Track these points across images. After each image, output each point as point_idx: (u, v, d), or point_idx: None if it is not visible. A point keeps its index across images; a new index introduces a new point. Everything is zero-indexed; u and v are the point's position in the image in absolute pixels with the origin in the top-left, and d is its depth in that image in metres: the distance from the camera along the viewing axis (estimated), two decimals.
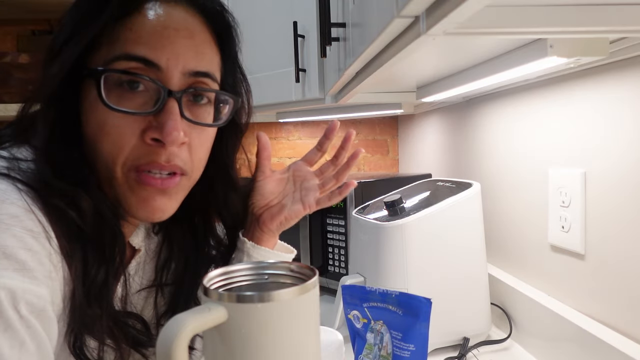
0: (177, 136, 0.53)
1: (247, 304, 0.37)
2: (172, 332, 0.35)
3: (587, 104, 0.81)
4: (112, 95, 0.53)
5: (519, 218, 1.05)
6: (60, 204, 0.50)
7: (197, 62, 0.56)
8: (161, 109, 0.54)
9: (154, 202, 0.56)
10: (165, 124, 0.53)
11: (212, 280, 0.42)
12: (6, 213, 0.46)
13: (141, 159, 0.54)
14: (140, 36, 0.53)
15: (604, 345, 0.72)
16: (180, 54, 0.54)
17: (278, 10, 1.39)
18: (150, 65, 0.53)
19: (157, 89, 0.54)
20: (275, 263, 0.45)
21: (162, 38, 0.54)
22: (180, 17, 0.56)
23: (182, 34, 0.55)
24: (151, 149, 0.54)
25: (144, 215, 0.57)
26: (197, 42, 0.57)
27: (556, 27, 0.47)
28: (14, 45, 1.82)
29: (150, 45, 0.53)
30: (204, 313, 0.37)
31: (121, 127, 0.53)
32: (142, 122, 0.54)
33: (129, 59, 0.53)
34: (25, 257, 0.45)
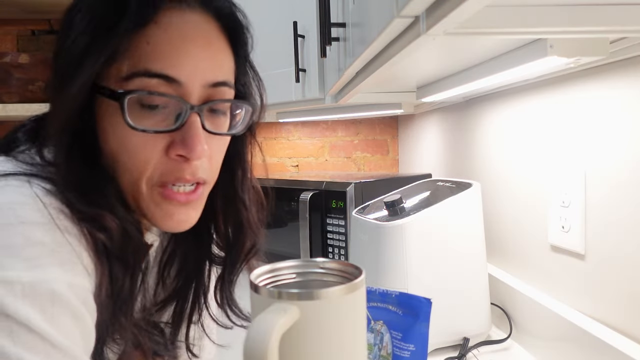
0: (201, 150, 0.53)
1: (318, 300, 0.38)
2: (264, 337, 0.35)
3: (587, 104, 0.81)
4: (133, 114, 0.52)
5: (519, 218, 1.05)
6: (88, 227, 0.50)
7: (215, 73, 0.56)
8: (184, 124, 0.53)
9: (179, 216, 0.57)
10: (190, 140, 0.53)
11: (259, 278, 0.43)
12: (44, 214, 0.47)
13: (167, 175, 0.54)
14: (158, 51, 0.52)
15: (604, 345, 0.72)
16: (199, 67, 0.54)
17: (278, 10, 1.39)
18: (171, 81, 0.52)
19: (177, 104, 0.54)
20: (321, 261, 0.46)
21: (181, 52, 0.53)
22: (197, 26, 0.55)
23: (200, 46, 0.54)
24: (176, 164, 0.54)
25: (171, 227, 0.58)
26: (214, 52, 0.56)
27: (556, 27, 0.47)
28: (14, 45, 1.82)
29: (169, 61, 0.52)
30: (282, 314, 0.37)
31: (145, 145, 0.53)
32: (165, 138, 0.54)
33: (149, 75, 0.52)
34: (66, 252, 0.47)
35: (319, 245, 1.38)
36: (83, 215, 0.50)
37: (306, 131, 2.02)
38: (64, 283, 0.45)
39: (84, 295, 0.47)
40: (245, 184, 0.67)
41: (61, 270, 0.46)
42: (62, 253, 0.47)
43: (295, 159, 2.03)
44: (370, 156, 2.04)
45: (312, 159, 2.03)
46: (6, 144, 0.57)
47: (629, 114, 0.72)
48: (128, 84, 0.52)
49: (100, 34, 0.51)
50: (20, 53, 1.62)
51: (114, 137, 0.53)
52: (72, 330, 0.45)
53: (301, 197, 1.38)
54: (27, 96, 1.58)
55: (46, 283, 0.44)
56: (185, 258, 0.69)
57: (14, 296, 0.42)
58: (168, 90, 0.53)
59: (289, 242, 1.45)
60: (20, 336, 0.41)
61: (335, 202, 1.34)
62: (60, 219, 0.48)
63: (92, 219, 0.50)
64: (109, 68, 0.52)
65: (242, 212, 0.67)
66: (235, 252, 0.68)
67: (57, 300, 0.44)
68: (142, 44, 0.52)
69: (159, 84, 0.52)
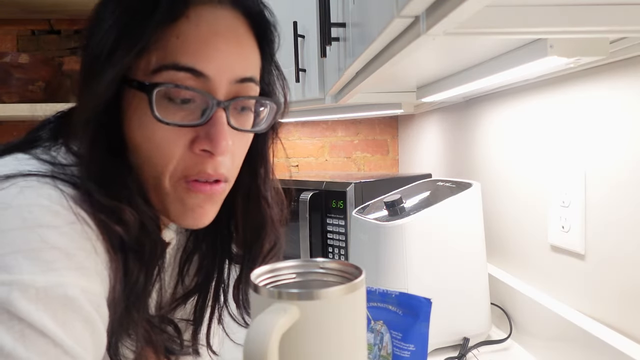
0: (226, 146, 0.53)
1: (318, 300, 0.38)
2: (264, 337, 0.35)
3: (587, 104, 0.81)
4: (160, 107, 0.52)
5: (519, 218, 1.05)
6: (106, 219, 0.50)
7: (244, 69, 0.56)
8: (209, 119, 0.53)
9: (201, 209, 0.57)
10: (215, 135, 0.53)
11: (259, 278, 0.43)
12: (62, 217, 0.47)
13: (190, 169, 0.54)
14: (188, 45, 0.52)
15: (604, 345, 0.72)
16: (228, 63, 0.54)
17: (278, 10, 1.38)
18: (199, 75, 0.52)
19: (204, 99, 0.54)
20: (321, 261, 0.46)
21: (210, 47, 0.53)
22: (227, 23, 0.55)
23: (229, 42, 0.54)
24: (200, 159, 0.54)
25: (190, 223, 0.58)
26: (244, 49, 0.56)
27: (556, 27, 0.47)
28: (14, 45, 1.82)
29: (199, 55, 0.52)
30: (282, 314, 0.37)
31: (170, 138, 0.53)
32: (190, 133, 0.54)
33: (177, 69, 0.52)
34: (82, 257, 0.47)
35: (319, 245, 1.38)
36: (102, 207, 0.50)
37: (306, 131, 2.02)
38: (78, 288, 0.45)
39: (97, 301, 0.47)
40: (268, 183, 0.68)
41: (75, 275, 0.46)
42: (78, 258, 0.47)
43: (295, 159, 2.03)
44: (370, 156, 2.04)
45: (312, 159, 2.03)
46: (29, 142, 0.57)
47: (629, 114, 0.72)
48: (156, 76, 0.52)
49: (132, 28, 0.51)
50: (20, 53, 1.62)
51: (139, 129, 0.53)
52: (84, 335, 0.45)
53: (301, 197, 1.38)
54: (27, 96, 1.58)
55: (60, 287, 0.44)
56: (205, 256, 0.69)
57: (27, 300, 0.42)
58: (196, 85, 0.53)
59: (289, 243, 1.45)
60: (32, 340, 0.41)
61: (335, 202, 1.34)
62: (78, 222, 0.48)
63: (111, 211, 0.50)
64: (138, 61, 0.52)
65: (265, 210, 0.67)
66: (255, 251, 0.68)
67: (70, 305, 0.44)
68: (172, 37, 0.52)
69: (186, 78, 0.52)
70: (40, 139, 0.57)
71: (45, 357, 0.41)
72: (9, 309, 0.41)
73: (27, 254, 0.44)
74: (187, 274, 0.69)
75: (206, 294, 0.70)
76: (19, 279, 0.42)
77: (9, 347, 0.40)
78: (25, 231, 0.45)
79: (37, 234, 0.45)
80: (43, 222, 0.46)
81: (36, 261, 0.44)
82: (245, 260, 0.69)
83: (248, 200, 0.66)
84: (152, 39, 0.51)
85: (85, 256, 0.47)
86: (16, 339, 0.41)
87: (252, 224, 0.67)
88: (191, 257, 0.69)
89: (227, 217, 0.67)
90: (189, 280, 0.70)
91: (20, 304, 0.42)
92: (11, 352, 0.40)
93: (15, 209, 0.45)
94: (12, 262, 0.43)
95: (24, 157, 0.53)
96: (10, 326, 0.41)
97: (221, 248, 0.69)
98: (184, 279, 0.69)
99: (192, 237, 0.70)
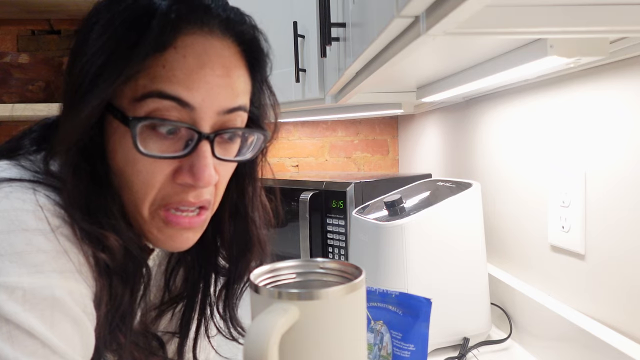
0: (209, 177, 0.52)
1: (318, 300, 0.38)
2: (264, 337, 0.35)
3: (587, 104, 0.81)
4: (143, 137, 0.51)
5: (519, 218, 1.05)
6: (91, 247, 0.50)
7: (231, 100, 0.54)
8: (193, 150, 0.52)
9: (180, 238, 0.56)
10: (198, 169, 0.52)
11: (259, 278, 0.43)
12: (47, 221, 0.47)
13: (171, 197, 0.54)
14: (174, 74, 0.50)
15: (604, 345, 0.72)
16: (214, 94, 0.52)
17: (278, 10, 1.39)
18: (184, 105, 0.51)
19: (189, 131, 0.53)
20: (321, 261, 0.46)
21: (196, 78, 0.51)
22: (216, 52, 0.53)
23: (217, 73, 0.53)
24: (181, 189, 0.54)
25: (170, 248, 0.58)
26: (232, 79, 0.54)
27: (556, 27, 0.47)
28: (14, 45, 1.82)
29: (185, 84, 0.51)
30: (282, 313, 0.37)
31: (152, 169, 0.52)
32: (173, 163, 0.53)
33: (162, 97, 0.50)
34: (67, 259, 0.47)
35: (319, 245, 1.38)
36: (86, 234, 0.49)
37: (306, 131, 2.02)
38: (65, 289, 0.45)
39: (84, 301, 0.48)
40: (255, 203, 0.67)
41: (62, 276, 0.46)
42: (63, 260, 0.47)
43: (295, 159, 2.02)
44: (370, 156, 2.04)
45: (312, 159, 2.03)
46: (12, 149, 0.57)
47: (629, 114, 0.72)
48: (140, 104, 0.50)
49: (117, 56, 0.50)
50: (20, 53, 1.62)
51: (121, 157, 0.53)
52: (72, 336, 0.45)
53: (301, 197, 1.38)
54: (27, 96, 1.58)
55: (47, 289, 0.44)
56: (191, 268, 0.69)
57: (14, 301, 0.42)
58: (181, 115, 0.51)
59: (289, 243, 1.45)
60: (20, 341, 0.42)
61: (335, 202, 1.34)
62: (62, 227, 0.48)
63: (96, 239, 0.50)
64: (123, 88, 0.51)
65: (252, 229, 0.67)
66: (241, 267, 0.68)
67: (57, 306, 0.44)
68: (158, 67, 0.50)
69: (171, 107, 0.51)
70: (24, 147, 0.57)
71: (33, 357, 0.41)
72: None
73: (13, 257, 0.44)
74: (174, 284, 0.69)
75: (192, 306, 0.69)
76: (5, 281, 0.43)
77: None
78: (11, 235, 0.45)
79: (23, 237, 0.45)
80: (28, 226, 0.46)
81: (22, 264, 0.44)
82: (232, 275, 0.68)
83: (235, 219, 0.66)
84: (138, 68, 0.50)
85: (70, 259, 0.47)
86: (4, 340, 0.41)
87: (238, 241, 0.67)
88: (177, 269, 0.69)
89: (213, 233, 0.66)
90: (175, 292, 0.69)
91: (7, 306, 0.42)
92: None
93: (0, 213, 0.46)
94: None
95: (7, 164, 0.53)
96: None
97: (207, 262, 0.69)
98: (170, 290, 0.69)
99: None
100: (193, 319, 0.70)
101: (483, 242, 1.00)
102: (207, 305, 0.70)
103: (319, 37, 1.24)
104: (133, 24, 0.50)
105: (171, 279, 0.69)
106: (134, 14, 0.51)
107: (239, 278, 0.68)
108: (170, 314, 0.69)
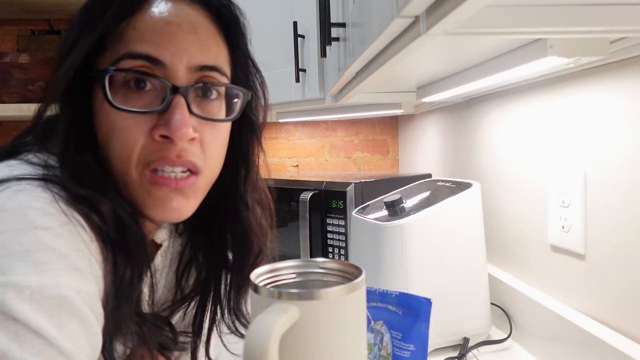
0: (185, 132, 0.53)
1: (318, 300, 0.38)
2: (264, 337, 0.35)
3: (587, 104, 0.81)
4: (118, 95, 0.53)
5: (519, 218, 1.05)
6: (83, 209, 0.50)
7: (202, 56, 0.56)
8: (168, 105, 0.54)
9: (170, 203, 0.56)
10: (172, 121, 0.53)
11: (259, 278, 0.43)
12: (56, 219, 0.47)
13: (152, 155, 0.54)
14: (143, 34, 0.53)
15: (604, 345, 0.72)
16: (184, 49, 0.54)
17: (278, 10, 1.39)
18: (155, 62, 0.53)
19: (163, 87, 0.54)
20: (321, 261, 0.46)
21: (165, 34, 0.54)
22: (183, 13, 0.56)
23: (184, 29, 0.55)
24: (161, 145, 0.54)
25: (161, 216, 0.57)
26: (201, 36, 0.56)
27: (556, 27, 0.47)
28: (14, 45, 1.82)
29: (153, 42, 0.53)
30: (282, 313, 0.37)
31: (130, 127, 0.54)
32: (150, 121, 0.54)
33: (133, 57, 0.53)
34: (76, 257, 0.47)
35: (319, 245, 1.38)
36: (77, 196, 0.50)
37: (306, 131, 2.02)
38: (72, 288, 0.45)
39: (92, 301, 0.48)
40: (248, 184, 0.67)
41: (70, 275, 0.46)
42: (72, 258, 0.47)
43: (295, 159, 2.03)
44: (370, 156, 2.04)
45: (312, 159, 2.03)
46: (18, 148, 0.57)
47: (629, 114, 0.72)
48: (115, 66, 0.53)
49: (89, 23, 0.54)
50: (20, 53, 1.62)
51: (103, 121, 0.55)
52: (79, 335, 0.45)
53: (301, 197, 1.38)
54: (27, 96, 1.58)
55: (54, 288, 0.44)
56: (203, 267, 0.69)
57: (22, 300, 0.42)
58: (153, 72, 0.54)
59: (289, 242, 1.45)
60: (27, 340, 0.41)
61: (335, 202, 1.34)
62: (71, 224, 0.48)
63: (86, 199, 0.51)
64: (100, 57, 0.55)
65: (244, 212, 0.66)
66: (242, 257, 0.68)
67: (64, 305, 0.44)
68: (129, 30, 0.54)
69: (143, 66, 0.53)
70: (28, 144, 0.58)
71: (40, 357, 0.41)
72: (3, 310, 0.41)
73: (21, 255, 0.44)
74: (186, 283, 0.69)
75: (204, 304, 0.70)
76: (13, 280, 0.43)
77: (3, 348, 0.40)
78: (20, 233, 0.45)
79: (32, 235, 0.45)
80: (37, 224, 0.46)
81: (31, 262, 0.44)
82: (234, 267, 0.69)
83: (228, 203, 0.66)
84: (109, 33, 0.54)
85: (79, 257, 0.48)
86: (11, 339, 0.41)
87: (234, 228, 0.67)
88: (188, 268, 0.69)
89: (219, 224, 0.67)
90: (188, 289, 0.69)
91: (15, 305, 0.42)
92: (6, 353, 0.40)
93: (9, 212, 0.46)
94: (7, 264, 0.43)
95: (15, 162, 0.53)
96: (5, 327, 0.41)
97: (217, 260, 0.69)
98: (182, 289, 0.69)
99: (188, 247, 0.70)
100: (206, 317, 0.70)
101: (483, 242, 1.00)
102: (218, 303, 0.70)
103: (319, 37, 1.24)
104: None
105: (183, 278, 0.69)
106: None
107: (241, 269, 0.68)
108: (182, 312, 0.69)
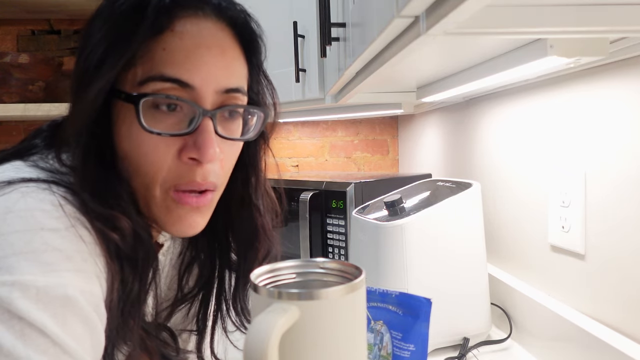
0: (213, 154, 0.54)
1: (318, 300, 0.38)
2: (264, 337, 0.35)
3: (587, 104, 0.81)
4: (147, 116, 0.53)
5: (519, 218, 1.05)
6: (102, 227, 0.51)
7: (228, 79, 0.57)
8: (197, 128, 0.54)
9: (188, 220, 0.58)
10: (202, 144, 0.54)
11: (259, 278, 0.43)
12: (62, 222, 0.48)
13: (180, 178, 0.55)
14: (173, 57, 0.53)
15: (604, 345, 0.72)
16: (212, 73, 0.55)
17: (278, 10, 1.39)
18: (185, 86, 0.54)
19: (191, 109, 0.55)
20: (321, 261, 0.46)
21: (195, 59, 0.54)
22: (211, 34, 0.56)
23: (213, 53, 0.55)
24: (188, 167, 0.55)
25: (178, 232, 0.59)
26: (228, 59, 0.57)
27: (556, 27, 0.47)
28: (14, 45, 1.82)
29: (184, 66, 0.53)
30: (282, 313, 0.37)
31: (158, 147, 0.54)
32: (178, 142, 0.55)
33: (163, 80, 0.53)
34: (81, 259, 0.48)
35: (319, 245, 1.38)
36: (97, 215, 0.51)
37: (306, 131, 2.02)
38: (77, 289, 0.46)
39: (96, 302, 0.48)
40: (259, 191, 0.69)
41: (75, 276, 0.46)
42: (77, 260, 0.47)
43: (295, 159, 2.03)
44: (370, 156, 2.04)
45: (312, 159, 2.03)
46: (25, 150, 0.58)
47: (629, 114, 0.72)
48: (143, 88, 0.53)
49: (118, 41, 0.53)
50: (20, 53, 1.62)
51: (129, 140, 0.55)
52: (83, 335, 0.45)
53: (301, 197, 1.38)
54: (27, 96, 1.58)
55: (60, 288, 0.45)
56: (204, 265, 0.70)
57: (27, 299, 0.43)
58: (182, 95, 0.54)
59: (289, 243, 1.45)
60: (31, 339, 0.42)
61: (335, 202, 1.34)
62: (77, 226, 0.49)
63: (106, 219, 0.51)
64: (126, 73, 0.54)
65: (257, 218, 0.68)
66: (250, 259, 0.69)
67: (69, 305, 0.45)
68: (158, 50, 0.53)
69: (173, 89, 0.53)
70: (36, 146, 0.58)
71: (44, 356, 0.42)
72: (9, 309, 0.42)
73: (28, 255, 0.44)
74: (187, 282, 0.70)
75: (207, 302, 0.70)
76: (20, 279, 0.43)
77: (8, 346, 0.41)
78: (27, 234, 0.45)
79: (39, 236, 0.46)
80: (44, 226, 0.46)
81: (37, 262, 0.44)
82: (241, 268, 0.69)
83: (240, 209, 0.67)
84: (138, 52, 0.53)
85: (84, 259, 0.48)
86: (16, 338, 0.41)
87: (245, 232, 0.68)
88: (190, 267, 0.70)
89: (224, 227, 0.68)
90: (189, 289, 0.70)
91: (21, 303, 0.42)
92: (11, 351, 0.40)
93: (17, 213, 0.46)
94: (14, 263, 0.44)
95: (22, 164, 0.54)
96: (10, 325, 0.41)
97: (220, 257, 0.70)
98: (184, 288, 0.69)
99: (190, 246, 0.71)
100: (209, 315, 0.70)
101: (483, 242, 1.00)
102: (222, 301, 0.71)
103: (319, 37, 1.24)
104: (131, 12, 0.54)
105: (184, 276, 0.69)
106: (131, 4, 0.54)
107: (249, 270, 0.69)
108: (185, 310, 0.70)
